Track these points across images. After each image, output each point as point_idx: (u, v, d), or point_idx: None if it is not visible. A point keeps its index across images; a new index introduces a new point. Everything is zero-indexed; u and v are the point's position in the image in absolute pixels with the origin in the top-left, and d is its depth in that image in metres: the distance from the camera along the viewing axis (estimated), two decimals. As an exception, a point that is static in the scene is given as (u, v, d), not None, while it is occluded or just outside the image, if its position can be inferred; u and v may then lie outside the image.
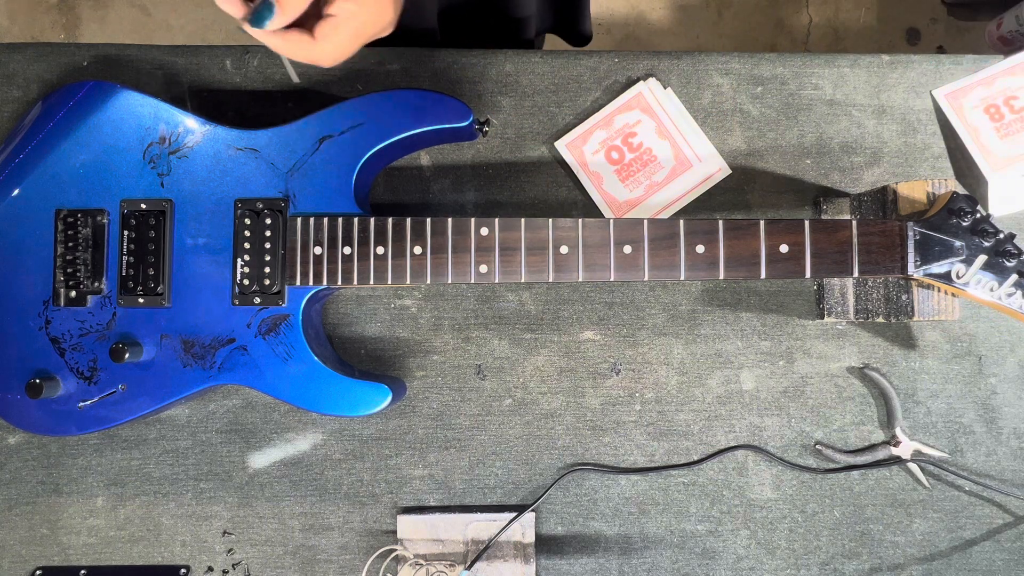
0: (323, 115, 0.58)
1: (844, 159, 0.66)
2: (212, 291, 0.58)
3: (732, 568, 0.64)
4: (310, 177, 0.58)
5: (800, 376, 0.65)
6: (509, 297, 0.65)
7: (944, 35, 1.60)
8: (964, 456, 0.65)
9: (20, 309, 0.58)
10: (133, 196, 0.58)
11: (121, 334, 0.58)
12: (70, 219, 0.58)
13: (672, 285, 0.65)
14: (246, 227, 0.58)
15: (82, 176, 0.59)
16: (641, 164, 0.65)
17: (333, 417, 0.64)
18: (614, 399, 0.64)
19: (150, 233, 0.58)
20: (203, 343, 0.58)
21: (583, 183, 0.65)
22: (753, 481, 0.64)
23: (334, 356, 0.62)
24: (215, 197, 0.58)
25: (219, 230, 0.58)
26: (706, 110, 0.66)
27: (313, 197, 0.58)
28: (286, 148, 0.58)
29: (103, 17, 1.53)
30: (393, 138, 0.58)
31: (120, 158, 0.59)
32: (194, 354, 0.58)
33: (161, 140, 0.59)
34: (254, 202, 0.58)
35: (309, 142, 0.58)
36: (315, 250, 0.57)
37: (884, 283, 0.61)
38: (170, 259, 0.58)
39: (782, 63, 0.66)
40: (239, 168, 0.59)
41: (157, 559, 0.63)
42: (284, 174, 0.58)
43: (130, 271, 0.58)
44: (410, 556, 0.62)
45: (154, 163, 0.59)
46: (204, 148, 0.59)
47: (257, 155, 0.58)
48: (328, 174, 0.58)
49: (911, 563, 0.64)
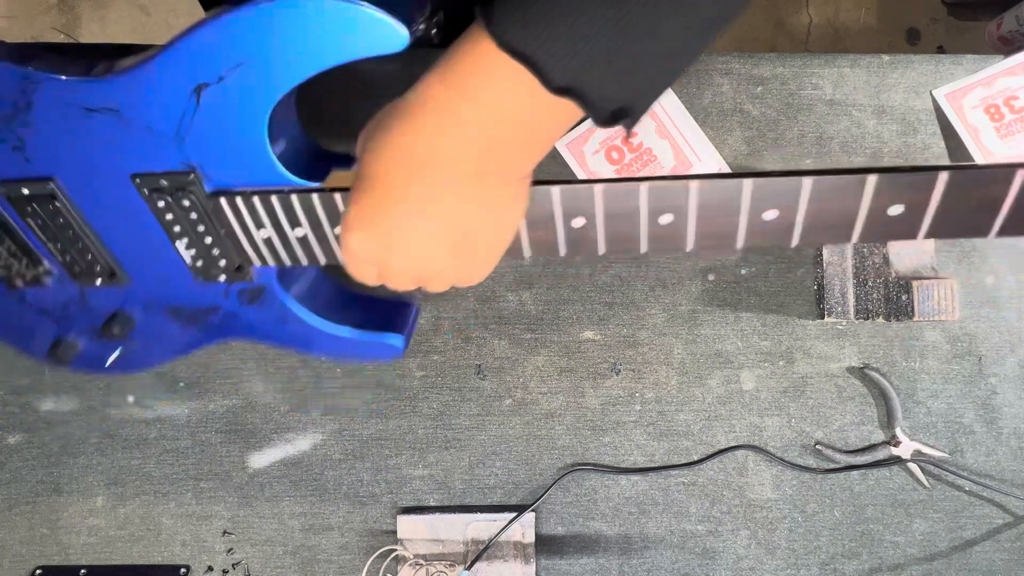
0: (175, 52, 0.41)
1: (844, 159, 0.66)
2: (169, 265, 0.50)
3: (732, 568, 0.64)
4: (208, 141, 0.44)
5: (800, 376, 0.65)
6: (509, 297, 0.65)
7: (944, 35, 1.60)
8: (964, 456, 0.65)
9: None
10: (6, 177, 0.48)
11: (99, 308, 0.53)
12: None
13: (672, 285, 0.65)
14: (165, 210, 0.47)
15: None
16: (641, 164, 0.65)
17: (327, 414, 0.64)
18: (614, 399, 0.64)
19: (56, 218, 0.48)
20: (189, 312, 0.52)
21: (583, 183, 0.65)
22: (753, 481, 0.64)
23: (338, 300, 0.54)
24: (103, 171, 0.46)
25: (135, 209, 0.47)
26: (706, 110, 0.66)
27: (226, 167, 0.44)
28: (154, 105, 0.43)
29: (103, 17, 1.53)
30: (298, 80, 0.40)
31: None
32: (187, 318, 0.53)
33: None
34: (156, 179, 0.45)
35: (181, 95, 0.42)
36: (261, 233, 0.46)
37: (884, 283, 0.61)
38: (97, 238, 0.49)
39: (782, 63, 0.66)
40: (109, 135, 0.44)
41: (157, 559, 0.63)
42: (172, 139, 0.44)
43: (65, 256, 0.50)
44: (410, 556, 0.62)
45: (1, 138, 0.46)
46: (46, 114, 0.45)
47: (119, 116, 0.44)
48: (228, 136, 0.43)
49: (911, 563, 0.64)
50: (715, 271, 0.65)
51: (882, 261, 0.61)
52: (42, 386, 0.63)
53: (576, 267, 0.65)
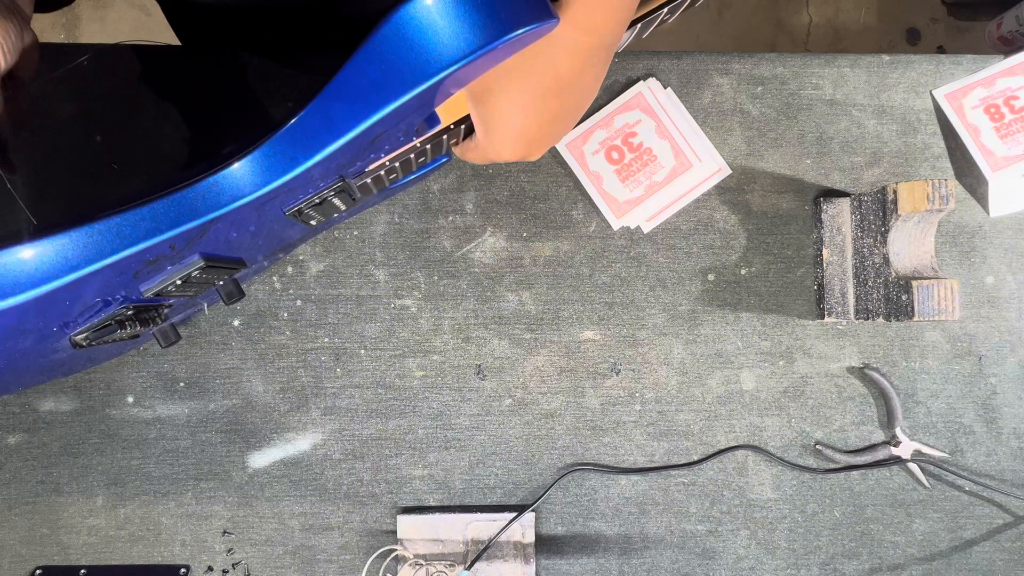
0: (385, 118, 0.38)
1: (844, 159, 0.66)
2: (283, 234, 0.52)
3: (732, 568, 0.64)
4: (364, 152, 0.43)
5: (800, 376, 0.65)
6: (509, 297, 0.65)
7: (944, 35, 1.60)
8: (964, 456, 0.65)
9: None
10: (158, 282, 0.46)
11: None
12: None
13: (672, 285, 0.65)
14: (313, 216, 0.48)
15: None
16: (641, 164, 0.65)
17: (327, 414, 0.64)
18: (614, 399, 0.64)
19: (200, 279, 0.47)
20: (291, 243, 0.55)
21: (583, 183, 0.65)
22: (753, 481, 0.64)
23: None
24: (261, 226, 0.47)
25: (283, 228, 0.49)
26: (706, 110, 0.66)
27: (369, 159, 0.45)
28: (334, 165, 0.42)
29: (103, 17, 1.53)
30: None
31: None
32: (290, 247, 0.56)
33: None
34: (311, 200, 0.45)
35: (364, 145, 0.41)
36: (391, 176, 0.50)
37: (884, 283, 0.61)
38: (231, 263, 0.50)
39: (782, 63, 0.66)
40: (276, 205, 0.43)
41: (157, 559, 0.63)
42: (339, 168, 0.43)
43: (192, 292, 0.50)
44: (410, 556, 0.62)
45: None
46: (215, 232, 0.43)
47: (289, 190, 0.42)
48: (381, 142, 0.43)
49: (911, 563, 0.64)
50: (715, 271, 0.65)
51: (882, 261, 0.61)
52: (42, 386, 0.63)
53: (576, 267, 0.65)
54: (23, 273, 0.35)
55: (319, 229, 0.59)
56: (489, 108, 0.42)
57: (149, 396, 0.63)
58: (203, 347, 0.64)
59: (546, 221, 0.65)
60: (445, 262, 0.65)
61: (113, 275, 0.38)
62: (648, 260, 0.65)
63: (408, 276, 0.64)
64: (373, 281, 0.64)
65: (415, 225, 0.65)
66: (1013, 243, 0.66)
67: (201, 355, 0.64)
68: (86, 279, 0.36)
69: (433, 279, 0.65)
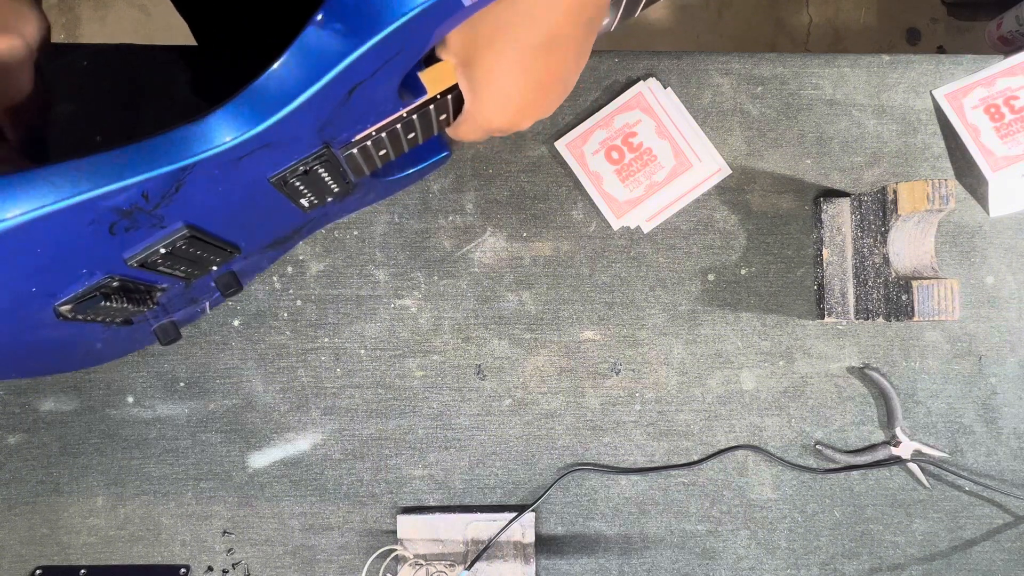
0: (342, 74, 0.40)
1: (844, 159, 0.66)
2: (280, 219, 0.54)
3: (732, 568, 0.64)
4: (345, 119, 0.45)
5: (800, 376, 0.65)
6: (509, 297, 0.65)
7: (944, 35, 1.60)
8: (964, 456, 0.65)
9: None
10: (141, 250, 0.47)
11: (201, 284, 0.54)
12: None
13: (672, 285, 0.65)
14: (297, 187, 0.48)
15: None
16: (641, 164, 0.65)
17: (327, 414, 0.64)
18: (614, 399, 0.64)
19: (185, 254, 0.48)
20: (285, 237, 0.56)
21: (583, 183, 0.65)
22: (753, 481, 0.64)
23: (398, 160, 0.57)
24: (238, 192, 0.46)
25: (268, 202, 0.50)
26: (706, 110, 0.66)
27: (354, 129, 0.46)
28: (308, 122, 0.43)
29: (103, 17, 1.53)
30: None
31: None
32: (282, 242, 0.57)
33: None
34: (294, 168, 0.46)
35: (337, 100, 0.42)
36: (381, 155, 0.50)
37: (884, 283, 0.61)
38: (221, 242, 0.50)
39: (782, 63, 0.66)
40: (253, 164, 0.45)
41: (157, 559, 0.63)
42: (314, 134, 0.44)
43: (182, 271, 0.51)
44: (410, 556, 0.62)
45: None
46: (193, 186, 0.44)
47: (269, 147, 0.43)
48: (366, 106, 0.44)
49: (911, 563, 0.64)
50: (715, 271, 0.65)
51: (882, 261, 0.61)
52: (42, 386, 0.63)
53: (576, 267, 0.65)
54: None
55: (318, 222, 0.59)
56: (476, 70, 0.42)
57: (149, 396, 0.63)
58: (203, 347, 0.64)
59: (546, 221, 0.65)
60: (445, 262, 0.65)
61: (85, 221, 0.38)
62: (648, 260, 0.65)
63: (408, 276, 0.64)
64: (373, 281, 0.64)
65: (415, 225, 0.65)
66: (1013, 243, 0.66)
67: (201, 355, 0.64)
68: (54, 218, 0.36)
69: (433, 279, 0.65)
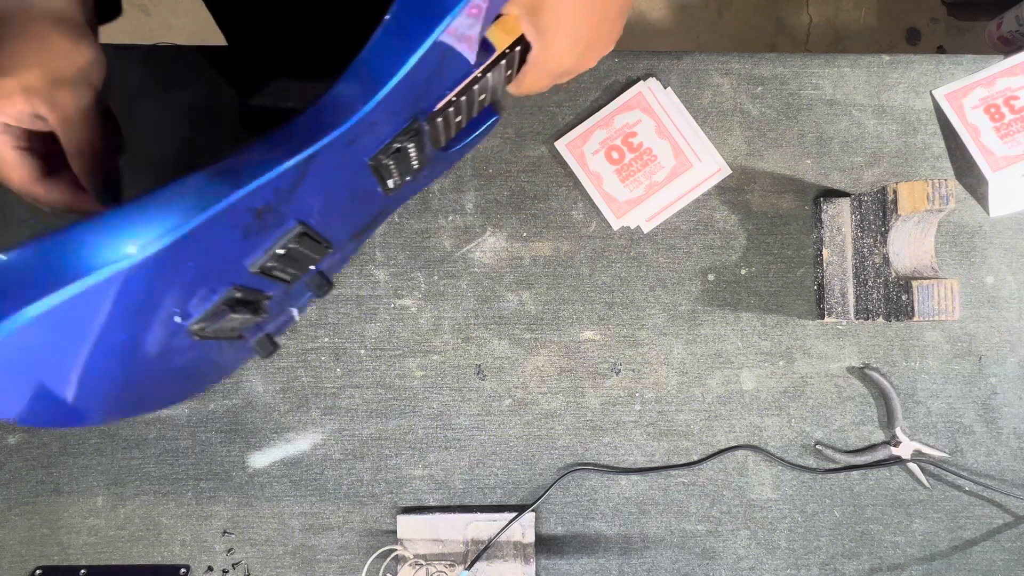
0: (435, 46, 0.40)
1: (844, 159, 0.66)
2: (366, 208, 0.53)
3: (732, 568, 0.64)
4: (433, 86, 0.44)
5: (800, 376, 0.65)
6: (509, 297, 0.65)
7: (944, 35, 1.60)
8: (964, 456, 0.65)
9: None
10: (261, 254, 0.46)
11: (297, 291, 0.54)
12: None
13: (672, 285, 0.65)
14: (387, 168, 0.48)
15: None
16: (641, 164, 0.65)
17: (327, 414, 0.64)
18: (614, 399, 0.64)
19: (297, 253, 0.48)
20: (368, 225, 0.56)
21: (583, 183, 0.65)
22: (753, 481, 0.64)
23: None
24: (342, 181, 0.46)
25: (362, 189, 0.50)
26: (706, 110, 0.66)
27: (439, 95, 0.46)
28: (412, 93, 0.42)
29: (103, 17, 1.53)
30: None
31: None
32: (366, 230, 0.57)
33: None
34: (387, 148, 0.46)
35: (431, 67, 0.42)
36: (457, 120, 0.50)
37: (884, 283, 0.61)
38: (322, 239, 0.51)
39: (782, 63, 0.66)
40: (357, 149, 0.44)
41: (157, 559, 0.63)
42: (410, 106, 0.44)
43: (288, 274, 0.50)
44: (410, 556, 0.62)
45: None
46: (315, 176, 0.44)
47: (372, 127, 0.43)
48: (446, 70, 0.44)
49: (911, 563, 0.64)
50: (715, 271, 0.65)
51: (882, 261, 0.61)
52: (42, 386, 0.63)
53: (576, 267, 0.65)
54: (152, 221, 0.35)
55: (389, 208, 0.59)
56: (543, 14, 0.43)
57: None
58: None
59: (546, 221, 0.65)
60: (445, 262, 0.65)
61: (228, 226, 0.38)
62: (648, 260, 0.65)
63: (408, 276, 0.64)
64: (373, 281, 0.64)
65: (415, 225, 0.65)
66: (1013, 243, 0.66)
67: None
68: (206, 227, 0.36)
69: (433, 279, 0.65)
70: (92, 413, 0.47)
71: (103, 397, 0.47)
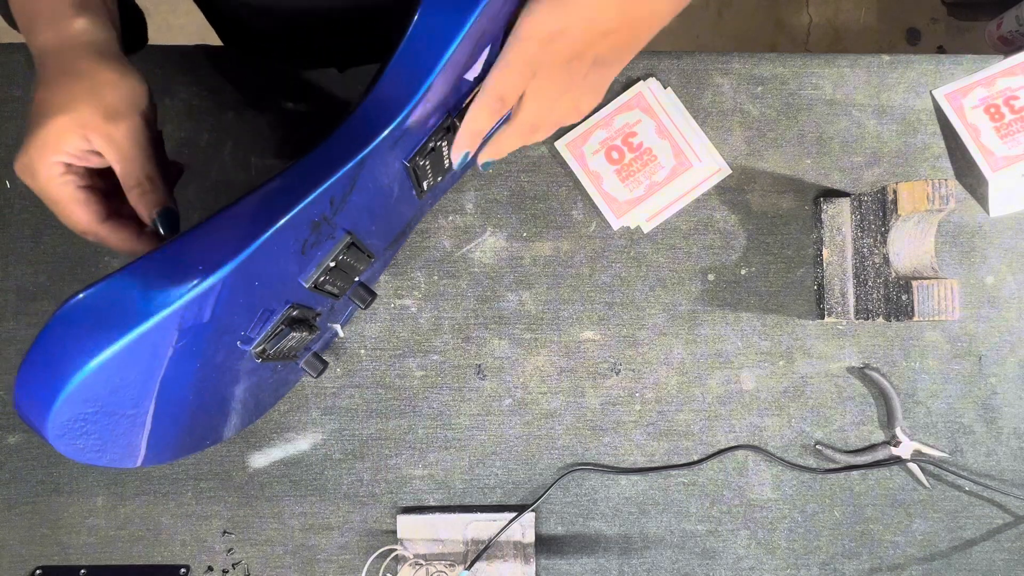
0: (467, 37, 0.40)
1: (844, 159, 0.66)
2: (399, 215, 0.53)
3: (732, 568, 0.64)
4: (462, 86, 0.44)
5: (800, 376, 0.65)
6: (509, 297, 0.65)
7: (944, 35, 1.60)
8: (964, 456, 0.65)
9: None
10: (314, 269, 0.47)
11: (339, 307, 0.53)
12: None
13: (672, 285, 0.65)
14: (423, 168, 0.48)
15: None
16: (641, 164, 0.65)
17: (327, 414, 0.64)
18: (614, 399, 0.64)
19: (345, 264, 0.48)
20: (404, 231, 0.56)
21: (583, 183, 0.65)
22: (753, 481, 0.64)
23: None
24: (382, 187, 0.46)
25: (400, 195, 0.50)
26: (706, 110, 0.66)
27: (466, 92, 0.45)
28: (452, 90, 0.43)
29: (103, 17, 1.53)
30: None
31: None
32: (402, 235, 0.57)
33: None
34: (424, 148, 0.45)
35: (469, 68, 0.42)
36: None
37: (884, 283, 0.61)
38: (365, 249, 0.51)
39: (782, 63, 0.66)
40: (397, 152, 0.44)
41: (157, 559, 0.63)
42: (445, 101, 0.44)
43: (339, 288, 0.51)
44: (410, 556, 0.62)
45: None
46: (364, 182, 0.44)
47: (406, 130, 0.42)
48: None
49: (911, 563, 0.64)
50: (715, 271, 0.65)
51: (882, 261, 0.61)
52: (42, 386, 0.63)
53: (576, 267, 0.65)
54: (216, 246, 0.36)
55: (420, 214, 0.59)
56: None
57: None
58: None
59: (546, 221, 0.65)
60: (445, 262, 0.65)
61: (290, 242, 0.38)
62: (648, 260, 0.65)
63: (408, 276, 0.64)
64: (373, 281, 0.64)
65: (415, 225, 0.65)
66: (1013, 243, 0.66)
67: (201, 355, 0.64)
68: (268, 244, 0.37)
69: (433, 279, 0.65)
70: (165, 450, 0.48)
71: (177, 430, 0.47)
